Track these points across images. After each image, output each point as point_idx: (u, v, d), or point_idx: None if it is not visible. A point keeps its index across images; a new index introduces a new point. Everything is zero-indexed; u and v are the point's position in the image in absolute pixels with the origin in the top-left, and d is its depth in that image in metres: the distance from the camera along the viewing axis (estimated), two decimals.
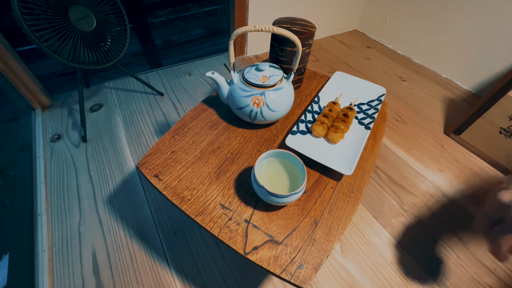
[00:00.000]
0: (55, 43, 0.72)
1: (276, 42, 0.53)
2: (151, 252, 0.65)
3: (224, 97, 0.50)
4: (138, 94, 1.10)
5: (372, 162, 0.48)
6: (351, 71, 1.30)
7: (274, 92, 0.46)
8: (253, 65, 0.49)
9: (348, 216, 0.40)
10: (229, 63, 0.46)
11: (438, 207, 0.77)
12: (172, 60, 1.29)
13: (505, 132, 0.84)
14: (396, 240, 0.70)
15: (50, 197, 0.75)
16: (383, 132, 0.54)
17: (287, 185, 0.40)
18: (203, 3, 1.28)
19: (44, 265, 0.62)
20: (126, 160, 0.85)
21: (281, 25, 0.51)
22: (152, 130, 0.95)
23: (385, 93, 0.58)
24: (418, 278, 0.64)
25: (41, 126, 0.94)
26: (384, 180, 0.84)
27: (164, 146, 0.48)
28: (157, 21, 1.23)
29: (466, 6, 1.11)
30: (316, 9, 1.37)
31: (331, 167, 0.43)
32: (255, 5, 1.16)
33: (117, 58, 0.87)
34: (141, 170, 0.44)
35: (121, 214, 0.72)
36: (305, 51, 0.54)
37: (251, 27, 0.39)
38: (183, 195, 0.41)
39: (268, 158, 0.41)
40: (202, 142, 0.49)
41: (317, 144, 0.49)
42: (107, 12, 0.81)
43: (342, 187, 0.44)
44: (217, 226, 0.38)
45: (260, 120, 0.48)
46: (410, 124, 1.04)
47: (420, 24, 1.31)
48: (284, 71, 0.55)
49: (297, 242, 0.37)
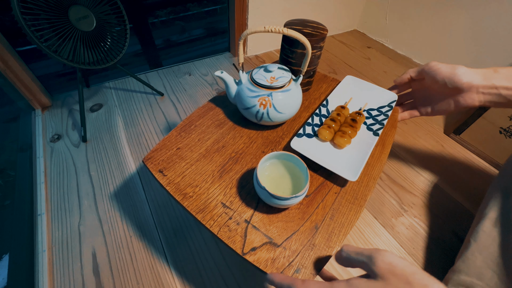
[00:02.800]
0: (55, 43, 0.72)
1: (287, 44, 0.53)
2: (151, 252, 0.65)
3: (231, 97, 0.51)
4: (138, 94, 1.10)
5: (379, 169, 0.47)
6: (351, 71, 1.30)
7: (282, 93, 0.46)
8: (262, 66, 0.48)
9: (350, 223, 0.40)
10: (238, 63, 0.46)
11: (438, 207, 0.77)
12: (172, 60, 1.29)
13: (505, 132, 0.84)
14: (396, 240, 0.70)
15: (50, 197, 0.75)
16: (392, 139, 0.53)
17: (289, 187, 0.40)
18: (203, 3, 1.28)
19: (44, 265, 0.62)
20: (126, 160, 0.85)
21: (292, 27, 0.51)
22: (152, 130, 0.95)
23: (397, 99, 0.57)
24: None
25: (41, 126, 0.94)
26: (384, 180, 0.84)
27: (170, 142, 0.48)
28: (157, 21, 1.23)
29: (466, 6, 1.11)
30: (316, 9, 1.37)
31: (336, 172, 0.42)
32: (255, 5, 1.16)
33: (117, 58, 0.87)
34: (147, 164, 0.44)
35: (121, 214, 0.72)
36: (316, 54, 0.54)
37: (261, 27, 0.39)
38: (185, 191, 0.42)
39: (272, 160, 0.41)
40: (207, 140, 0.49)
41: (323, 148, 0.48)
42: (107, 12, 0.81)
43: (346, 193, 0.44)
44: (217, 224, 0.38)
45: (266, 121, 0.48)
46: (410, 124, 1.04)
47: (420, 24, 1.31)
48: (294, 73, 0.55)
49: (296, 246, 0.37)
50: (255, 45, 1.34)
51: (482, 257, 0.50)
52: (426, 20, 1.27)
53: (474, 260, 0.51)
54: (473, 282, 0.50)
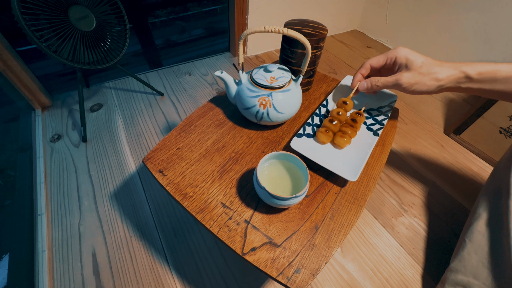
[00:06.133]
0: (55, 43, 0.72)
1: (287, 44, 0.53)
2: (151, 252, 0.65)
3: (231, 97, 0.51)
4: (138, 94, 1.10)
5: (379, 170, 0.47)
6: (351, 71, 1.30)
7: (282, 93, 0.46)
8: (262, 66, 0.48)
9: (350, 223, 0.40)
10: (238, 63, 0.46)
11: (438, 207, 0.77)
12: (172, 60, 1.29)
13: (505, 132, 0.84)
14: (396, 240, 0.70)
15: (50, 197, 0.75)
16: (392, 139, 0.53)
17: (289, 187, 0.40)
18: (203, 3, 1.28)
19: (44, 265, 0.62)
20: (126, 160, 0.85)
21: (292, 27, 0.51)
22: (152, 130, 0.95)
23: (397, 99, 0.57)
24: (418, 278, 0.64)
25: (41, 126, 0.94)
26: (384, 180, 0.84)
27: (170, 143, 0.48)
28: (157, 21, 1.23)
29: (466, 5, 1.11)
30: (316, 9, 1.37)
31: (336, 172, 0.42)
32: (255, 5, 1.16)
33: (117, 58, 0.87)
34: (146, 164, 0.44)
35: (121, 214, 0.72)
36: (316, 54, 0.54)
37: (261, 27, 0.39)
38: (185, 191, 0.42)
39: (272, 160, 0.41)
40: (207, 140, 0.49)
41: (323, 148, 0.48)
42: (107, 12, 0.81)
43: (346, 193, 0.44)
44: (217, 224, 0.38)
45: (266, 121, 0.48)
46: (410, 124, 1.04)
47: (420, 24, 1.31)
48: (294, 73, 0.55)
49: (296, 246, 0.37)
50: (255, 45, 1.34)
51: (478, 256, 0.51)
52: (426, 20, 1.27)
53: (470, 260, 0.51)
54: (470, 282, 0.50)
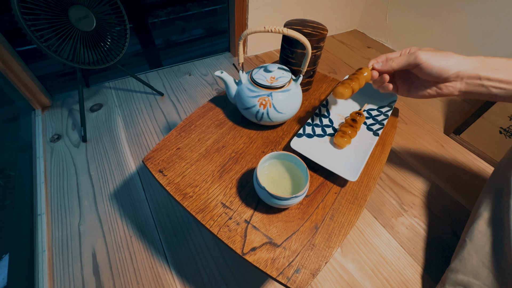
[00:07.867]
0: (55, 43, 0.72)
1: (287, 44, 0.53)
2: (151, 252, 0.65)
3: (231, 97, 0.51)
4: (138, 94, 1.10)
5: (379, 170, 0.47)
6: (351, 71, 1.30)
7: (282, 93, 0.46)
8: (262, 66, 0.48)
9: (350, 223, 0.40)
10: (238, 63, 0.46)
11: (438, 207, 0.77)
12: (172, 60, 1.29)
13: (505, 132, 0.84)
14: (396, 240, 0.70)
15: (50, 197, 0.75)
16: (392, 139, 0.53)
17: (289, 187, 0.40)
18: (203, 3, 1.28)
19: (44, 265, 0.62)
20: (126, 160, 0.85)
21: (292, 27, 0.51)
22: (152, 130, 0.95)
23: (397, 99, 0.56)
24: (418, 278, 0.64)
25: (41, 126, 0.94)
26: (384, 180, 0.84)
27: (170, 143, 0.48)
28: (157, 21, 1.23)
29: (466, 5, 1.11)
30: (316, 9, 1.37)
31: (336, 172, 0.42)
32: (255, 5, 1.16)
33: (117, 58, 0.87)
34: (146, 164, 0.44)
35: (121, 214, 0.72)
36: (316, 54, 0.54)
37: (261, 27, 0.39)
38: (185, 191, 0.42)
39: (272, 160, 0.41)
40: (207, 140, 0.49)
41: (323, 148, 0.48)
42: (107, 12, 0.81)
43: (346, 193, 0.44)
44: (217, 224, 0.38)
45: (266, 121, 0.48)
46: (410, 124, 1.04)
47: (420, 24, 1.31)
48: (294, 73, 0.55)
49: (296, 246, 0.37)
50: (255, 45, 1.34)
51: (478, 256, 0.51)
52: (426, 20, 1.27)
53: (470, 260, 0.51)
54: (470, 281, 0.50)
